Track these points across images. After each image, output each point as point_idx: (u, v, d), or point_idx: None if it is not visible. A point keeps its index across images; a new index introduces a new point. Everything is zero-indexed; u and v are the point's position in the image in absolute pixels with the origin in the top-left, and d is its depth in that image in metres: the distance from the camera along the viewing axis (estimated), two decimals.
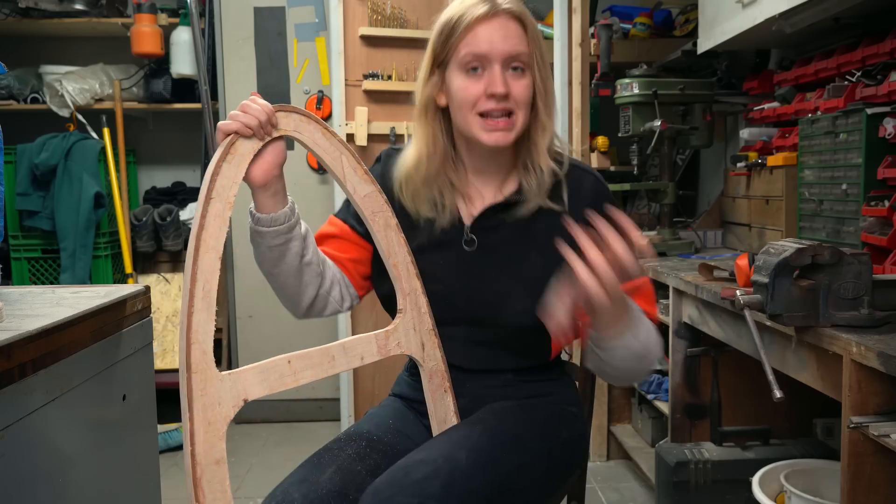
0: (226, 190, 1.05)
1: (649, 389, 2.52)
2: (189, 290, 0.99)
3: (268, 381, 1.07)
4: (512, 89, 1.21)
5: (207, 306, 1.00)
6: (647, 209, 2.97)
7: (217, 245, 1.03)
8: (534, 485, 1.23)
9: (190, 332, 0.99)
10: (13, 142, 3.20)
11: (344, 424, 3.18)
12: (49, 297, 1.25)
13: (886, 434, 1.19)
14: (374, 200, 1.23)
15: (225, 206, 1.04)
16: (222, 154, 1.07)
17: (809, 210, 2.06)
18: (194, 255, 1.00)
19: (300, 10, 3.22)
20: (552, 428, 1.29)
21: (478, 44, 1.20)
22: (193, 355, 0.98)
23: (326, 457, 1.22)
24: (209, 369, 1.00)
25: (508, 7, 1.22)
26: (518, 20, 1.22)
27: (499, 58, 1.20)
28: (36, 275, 3.36)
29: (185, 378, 0.98)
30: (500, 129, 1.21)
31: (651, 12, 2.96)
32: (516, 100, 1.21)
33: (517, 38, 1.21)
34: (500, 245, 1.27)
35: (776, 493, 1.82)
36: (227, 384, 1.02)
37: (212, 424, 0.99)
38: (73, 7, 3.38)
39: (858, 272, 1.33)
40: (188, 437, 0.97)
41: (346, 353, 1.17)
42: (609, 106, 2.79)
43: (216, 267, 1.02)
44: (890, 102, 1.81)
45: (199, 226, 1.02)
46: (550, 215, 1.26)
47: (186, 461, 0.98)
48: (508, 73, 1.21)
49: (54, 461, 1.05)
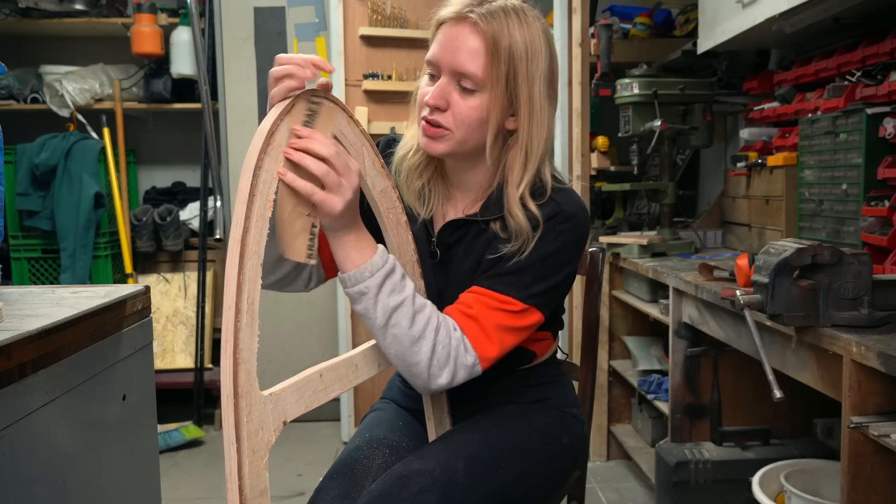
0: (267, 186, 0.93)
1: (649, 389, 2.52)
2: (234, 304, 0.88)
3: (304, 399, 1.00)
4: (453, 106, 1.12)
5: (252, 321, 0.90)
6: (647, 209, 2.97)
7: (259, 250, 0.91)
8: (533, 493, 1.23)
9: (237, 352, 0.88)
10: (13, 142, 3.20)
11: (344, 424, 3.18)
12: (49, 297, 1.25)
13: (886, 434, 1.19)
14: (388, 196, 1.17)
15: (266, 206, 0.93)
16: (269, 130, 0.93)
17: (809, 210, 2.06)
18: (239, 263, 0.89)
19: (300, 10, 3.22)
20: (552, 434, 1.28)
21: (434, 49, 1.14)
22: (240, 377, 0.88)
23: (358, 468, 1.21)
24: (253, 392, 0.90)
25: (475, 19, 1.10)
26: (482, 35, 1.10)
27: (446, 69, 1.12)
28: (36, 275, 3.36)
29: (230, 403, 0.88)
30: (428, 136, 1.15)
31: (651, 12, 2.96)
32: (455, 118, 1.12)
33: (470, 55, 1.10)
34: (456, 263, 1.22)
35: (776, 493, 1.82)
36: (270, 406, 0.93)
37: (256, 453, 0.91)
38: (73, 7, 3.38)
39: (858, 272, 1.33)
40: (234, 469, 0.88)
41: (366, 361, 1.13)
42: (609, 106, 2.79)
43: (258, 275, 0.91)
44: (890, 102, 1.81)
45: (244, 228, 0.89)
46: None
47: (232, 496, 0.89)
48: (457, 89, 1.12)
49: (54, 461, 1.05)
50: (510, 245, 1.14)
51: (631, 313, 2.81)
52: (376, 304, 1.06)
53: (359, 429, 1.35)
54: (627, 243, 2.58)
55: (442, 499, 1.06)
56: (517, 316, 1.13)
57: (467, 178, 1.23)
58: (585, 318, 1.53)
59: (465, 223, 1.21)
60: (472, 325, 1.12)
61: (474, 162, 1.20)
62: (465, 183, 1.23)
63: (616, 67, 2.76)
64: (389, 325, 1.06)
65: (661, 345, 2.68)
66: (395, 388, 1.42)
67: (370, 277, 1.05)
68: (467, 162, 1.21)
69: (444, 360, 1.09)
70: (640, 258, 2.51)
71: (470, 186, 1.23)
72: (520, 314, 1.13)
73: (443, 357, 1.08)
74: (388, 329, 1.07)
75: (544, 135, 1.16)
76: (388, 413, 1.37)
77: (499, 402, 1.30)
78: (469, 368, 1.11)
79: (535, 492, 1.23)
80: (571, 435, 1.31)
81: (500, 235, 1.16)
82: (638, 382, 2.60)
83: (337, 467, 1.22)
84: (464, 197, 1.24)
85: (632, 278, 2.64)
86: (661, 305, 2.31)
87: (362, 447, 1.26)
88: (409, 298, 1.08)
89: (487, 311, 1.12)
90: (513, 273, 1.13)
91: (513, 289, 1.13)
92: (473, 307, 1.12)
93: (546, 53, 1.15)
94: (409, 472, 1.09)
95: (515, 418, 1.26)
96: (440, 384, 1.10)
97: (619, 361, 2.83)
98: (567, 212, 1.15)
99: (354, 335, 3.12)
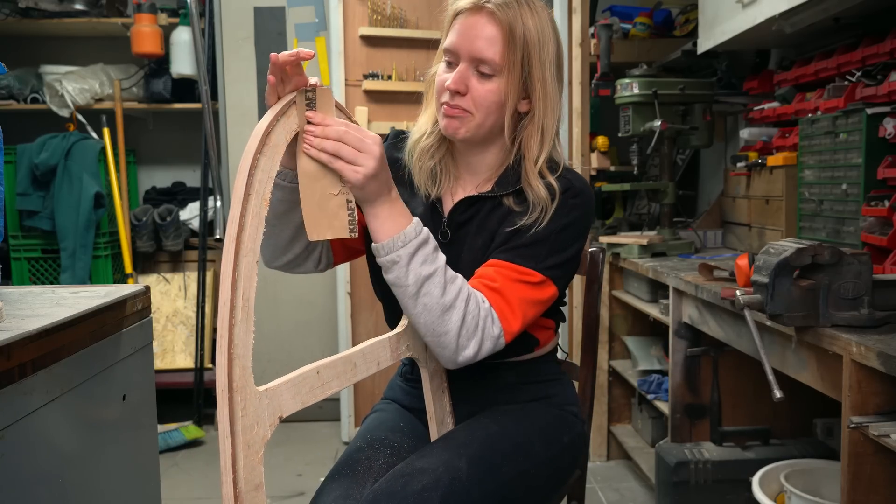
0: (262, 185, 0.96)
1: (649, 389, 2.52)
2: (229, 300, 0.91)
3: (300, 395, 1.01)
4: (472, 90, 1.19)
5: (247, 317, 0.93)
6: (647, 209, 2.97)
7: (255, 248, 0.94)
8: (534, 491, 1.23)
9: (231, 347, 0.90)
10: (13, 142, 3.20)
11: (344, 424, 3.18)
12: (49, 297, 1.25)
13: (886, 434, 1.19)
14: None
15: (261, 204, 0.95)
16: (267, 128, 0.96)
17: (809, 210, 2.06)
18: (234, 260, 0.91)
19: (300, 10, 3.22)
20: (553, 433, 1.28)
21: (452, 37, 1.20)
22: (235, 372, 0.90)
23: (360, 468, 1.21)
24: (248, 387, 0.93)
25: (492, 8, 1.18)
26: (499, 24, 1.17)
27: (465, 56, 1.19)
28: (36, 275, 3.36)
29: (225, 397, 0.90)
30: (451, 116, 1.20)
31: (651, 12, 2.96)
32: (475, 101, 1.19)
33: (487, 42, 1.17)
34: (469, 240, 1.25)
35: (776, 493, 1.82)
36: (265, 401, 0.95)
37: (251, 447, 0.93)
38: (73, 7, 3.38)
39: (858, 272, 1.33)
40: (229, 462, 0.90)
41: (365, 360, 1.14)
42: (609, 106, 2.80)
43: (254, 272, 0.94)
44: (890, 102, 1.81)
45: (238, 227, 0.92)
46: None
47: (227, 490, 0.91)
48: (475, 74, 1.19)
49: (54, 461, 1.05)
50: (527, 217, 1.19)
51: (631, 313, 2.81)
52: (408, 273, 1.09)
53: (360, 429, 1.35)
54: (627, 243, 2.59)
55: (445, 497, 1.06)
56: (537, 288, 1.18)
57: (477, 160, 1.28)
58: (585, 318, 1.53)
59: (478, 199, 1.26)
60: (497, 298, 1.15)
61: (487, 144, 1.26)
62: (475, 165, 1.29)
63: (616, 67, 2.77)
64: (421, 294, 1.09)
65: (661, 345, 2.68)
66: (397, 388, 1.42)
67: (403, 247, 1.09)
68: (480, 145, 1.26)
69: (473, 330, 1.11)
70: (640, 258, 2.51)
71: (479, 168, 1.29)
72: (539, 286, 1.18)
73: (472, 327, 1.11)
74: (420, 298, 1.09)
75: (557, 115, 1.24)
76: (390, 414, 1.37)
77: (499, 400, 1.31)
78: (495, 340, 1.14)
79: (537, 490, 1.23)
80: (572, 434, 1.32)
81: (514, 209, 1.22)
82: (638, 382, 2.60)
83: (338, 468, 1.22)
84: (472, 178, 1.29)
85: (632, 278, 2.64)
86: (661, 305, 2.31)
87: (364, 448, 1.26)
88: (440, 269, 1.11)
89: (510, 283, 1.16)
90: (529, 245, 1.19)
91: (531, 261, 1.18)
92: (496, 280, 1.16)
93: (554, 40, 1.23)
94: (412, 471, 1.10)
95: (517, 417, 1.27)
96: (467, 356, 1.12)
97: (619, 361, 2.83)
98: (577, 186, 1.23)
99: (354, 335, 3.12)
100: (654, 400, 2.47)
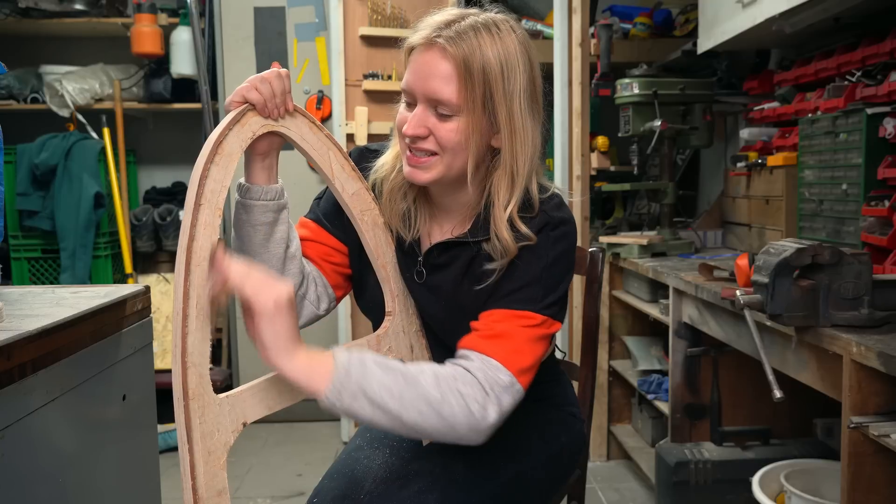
0: (215, 195, 0.94)
1: (649, 389, 2.52)
2: (181, 310, 0.90)
3: (266, 401, 0.99)
4: (434, 131, 1.09)
5: (202, 325, 0.91)
6: (647, 209, 2.97)
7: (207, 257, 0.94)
8: (533, 492, 1.23)
9: (185, 356, 0.90)
10: (13, 142, 3.20)
11: (344, 424, 3.18)
12: (49, 297, 1.25)
13: (886, 434, 1.19)
14: (361, 198, 1.16)
15: (214, 214, 0.94)
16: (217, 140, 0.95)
17: (809, 210, 2.06)
18: (185, 270, 0.91)
19: (300, 10, 3.22)
20: (552, 434, 1.28)
21: (407, 76, 1.11)
22: (190, 380, 0.90)
23: (358, 468, 1.20)
24: (206, 394, 0.92)
25: (443, 44, 1.06)
26: (452, 59, 1.06)
27: (420, 97, 1.09)
28: (36, 275, 3.36)
29: (181, 405, 0.90)
30: (414, 165, 1.11)
31: (651, 12, 2.96)
32: (439, 142, 1.09)
33: (442, 81, 1.06)
34: (445, 281, 1.18)
35: (776, 493, 1.82)
36: (226, 408, 0.94)
37: (212, 454, 0.92)
38: (73, 7, 3.38)
39: (858, 272, 1.33)
40: (188, 469, 0.90)
41: None
42: (609, 106, 2.79)
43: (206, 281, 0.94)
44: (890, 102, 1.81)
45: (189, 236, 0.91)
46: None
47: (187, 496, 0.91)
48: (434, 115, 1.09)
49: (54, 461, 1.05)
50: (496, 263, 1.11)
51: (631, 313, 2.81)
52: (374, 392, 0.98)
53: (359, 429, 1.35)
54: (627, 243, 2.58)
55: (442, 499, 1.06)
56: (540, 328, 1.11)
57: (452, 201, 1.19)
58: (585, 318, 1.53)
59: (454, 244, 1.17)
60: (498, 344, 1.07)
61: (462, 183, 1.15)
62: (451, 205, 1.20)
63: (616, 67, 2.76)
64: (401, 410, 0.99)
65: (661, 345, 2.68)
66: None
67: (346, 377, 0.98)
68: (453, 185, 1.16)
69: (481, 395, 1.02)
70: (640, 258, 2.51)
71: (453, 207, 1.20)
72: (541, 325, 1.11)
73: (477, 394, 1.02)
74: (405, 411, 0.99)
75: (529, 153, 1.12)
76: None
77: None
78: (508, 388, 1.05)
79: (535, 491, 1.23)
80: (571, 434, 1.31)
81: (490, 255, 1.13)
82: (638, 382, 2.60)
83: (337, 467, 1.22)
84: (449, 217, 1.21)
85: (632, 278, 2.64)
86: (661, 305, 2.31)
87: (363, 447, 1.26)
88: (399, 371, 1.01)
89: (512, 328, 1.09)
90: (522, 289, 1.11)
91: (528, 304, 1.10)
92: (495, 328, 1.09)
93: (525, 66, 1.10)
94: (409, 473, 1.09)
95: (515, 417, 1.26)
96: (492, 421, 1.03)
97: (619, 361, 2.83)
98: (556, 217, 1.14)
99: (354, 337, 3.12)
100: (654, 400, 2.47)
